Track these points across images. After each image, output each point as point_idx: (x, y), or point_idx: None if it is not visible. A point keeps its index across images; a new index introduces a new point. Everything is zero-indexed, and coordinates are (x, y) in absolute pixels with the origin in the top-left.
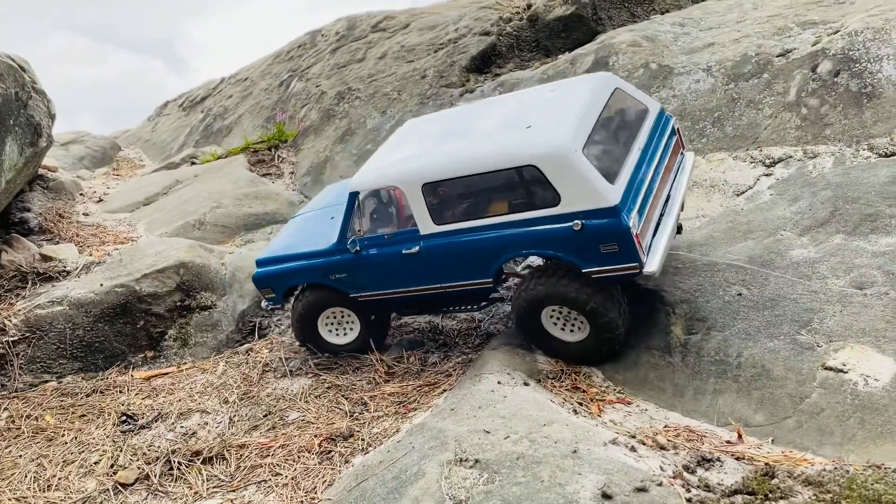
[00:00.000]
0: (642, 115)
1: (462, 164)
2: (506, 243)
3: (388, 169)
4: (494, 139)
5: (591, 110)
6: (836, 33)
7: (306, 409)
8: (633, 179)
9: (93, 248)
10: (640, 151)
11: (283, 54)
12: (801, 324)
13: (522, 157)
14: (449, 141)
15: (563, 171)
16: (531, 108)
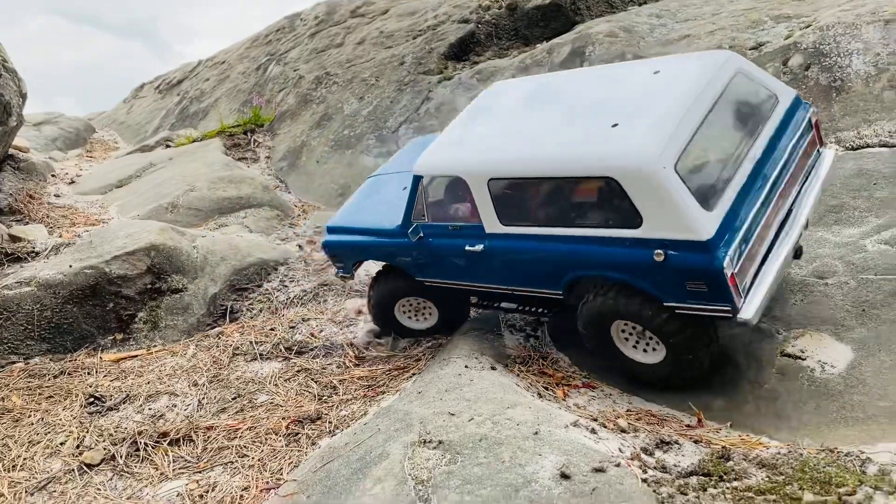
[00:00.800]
0: (769, 107)
1: (534, 165)
2: (577, 260)
3: (456, 155)
4: (575, 136)
5: (697, 107)
6: (808, 27)
7: (275, 392)
8: (740, 203)
9: (63, 230)
10: (754, 162)
11: (261, 38)
12: (763, 312)
13: (601, 167)
14: (527, 128)
15: (647, 190)
16: (626, 95)
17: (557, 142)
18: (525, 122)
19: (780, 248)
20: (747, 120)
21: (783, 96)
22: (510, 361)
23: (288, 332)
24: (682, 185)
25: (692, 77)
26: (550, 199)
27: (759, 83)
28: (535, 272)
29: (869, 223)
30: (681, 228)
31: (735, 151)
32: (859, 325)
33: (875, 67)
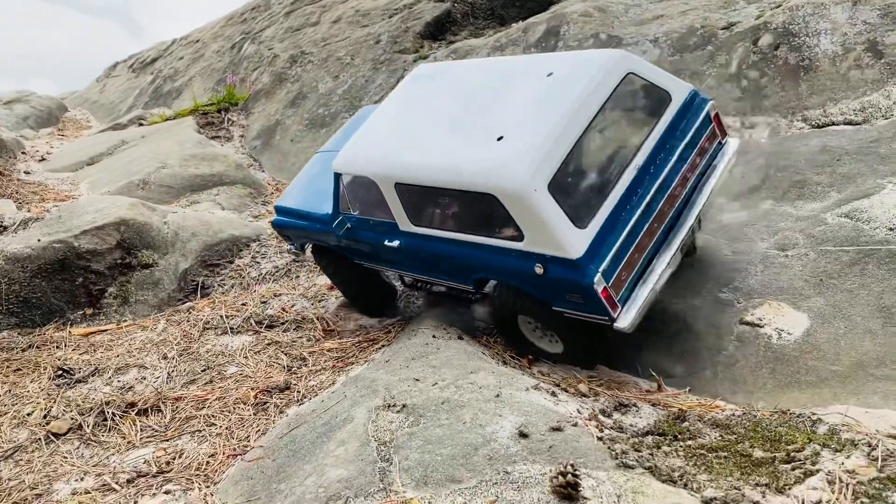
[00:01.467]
0: (660, 107)
1: (430, 174)
2: (478, 264)
3: (368, 155)
4: (464, 146)
5: (578, 119)
6: (778, 7)
7: (245, 364)
8: (617, 215)
9: (32, 205)
10: (637, 170)
11: (236, 16)
12: (724, 282)
13: (483, 184)
14: (427, 130)
15: (522, 209)
16: (518, 100)
17: (450, 151)
18: (427, 123)
19: (664, 254)
20: (635, 124)
21: (677, 94)
22: (478, 333)
23: (259, 307)
24: (554, 205)
25: (580, 84)
26: (450, 205)
27: (652, 82)
28: (447, 269)
29: (830, 198)
30: (554, 246)
31: (617, 161)
32: (817, 294)
33: (842, 47)
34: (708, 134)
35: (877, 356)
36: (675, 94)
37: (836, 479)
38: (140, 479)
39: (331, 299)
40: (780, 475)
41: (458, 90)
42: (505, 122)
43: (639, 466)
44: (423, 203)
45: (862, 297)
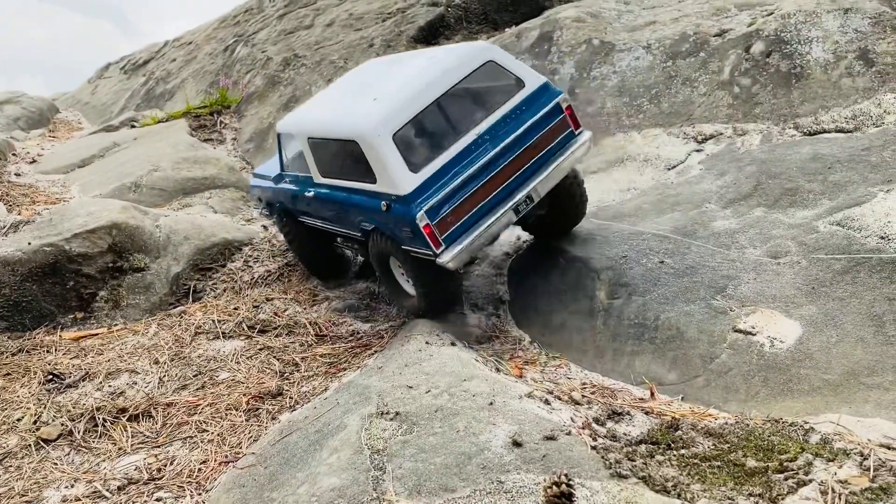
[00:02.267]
0: (512, 91)
1: (324, 127)
2: (358, 209)
3: (297, 118)
4: (351, 107)
5: (434, 87)
6: (770, 15)
7: (237, 370)
8: (450, 169)
9: (23, 208)
10: (476, 136)
11: (229, 18)
12: (717, 290)
13: (347, 131)
14: (339, 98)
15: (371, 152)
16: (401, 77)
17: (342, 109)
18: (344, 94)
19: (496, 211)
20: (487, 102)
21: (529, 83)
22: (471, 339)
23: (251, 311)
24: (395, 150)
25: (444, 64)
26: (338, 156)
27: (508, 71)
28: (344, 218)
29: (822, 205)
30: (391, 185)
31: (461, 127)
32: (809, 302)
33: (834, 55)
34: (558, 122)
35: (868, 365)
36: (528, 83)
37: (829, 490)
38: (131, 486)
39: (323, 303)
40: (774, 485)
41: (377, 72)
42: (385, 90)
43: (633, 476)
44: (326, 156)
45: (853, 305)
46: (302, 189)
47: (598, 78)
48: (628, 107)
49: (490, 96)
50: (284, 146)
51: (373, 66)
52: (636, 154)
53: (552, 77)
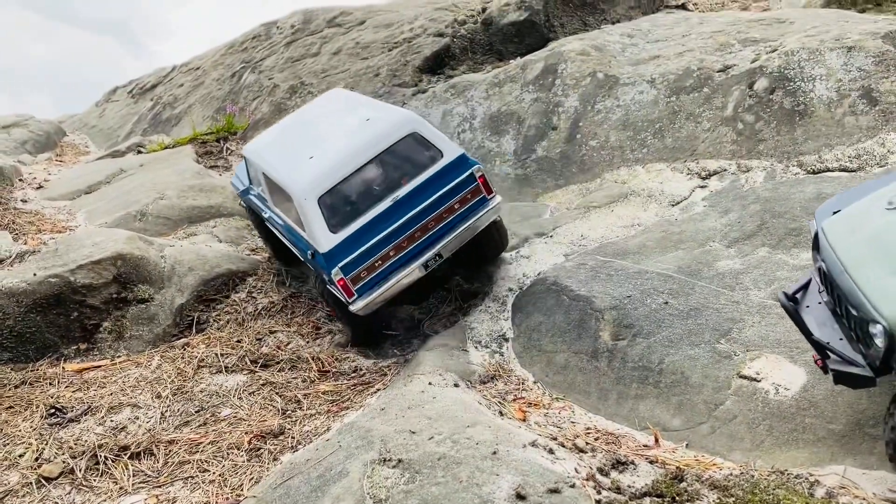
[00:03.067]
0: (431, 160)
1: (272, 171)
2: (299, 245)
3: (257, 145)
4: (296, 159)
5: (360, 154)
6: (773, 52)
7: (239, 406)
8: (367, 230)
9: (28, 237)
10: (393, 202)
11: (236, 45)
12: (722, 333)
13: (285, 185)
14: (292, 140)
15: (301, 209)
16: (338, 132)
17: (286, 160)
18: (296, 137)
19: (406, 266)
20: (406, 168)
21: (447, 154)
22: (474, 379)
23: (254, 344)
24: (318, 212)
25: (374, 131)
26: (284, 196)
27: (429, 142)
28: (294, 243)
29: None
30: (314, 240)
31: (380, 192)
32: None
33: (837, 93)
34: (471, 189)
35: (873, 414)
36: (447, 154)
37: None
38: None
39: (326, 337)
40: None
41: (325, 117)
42: (323, 146)
43: None
44: (275, 191)
45: None
46: (261, 208)
47: (603, 111)
48: (632, 141)
49: (411, 164)
50: (249, 166)
51: (325, 107)
52: (640, 189)
53: (556, 109)
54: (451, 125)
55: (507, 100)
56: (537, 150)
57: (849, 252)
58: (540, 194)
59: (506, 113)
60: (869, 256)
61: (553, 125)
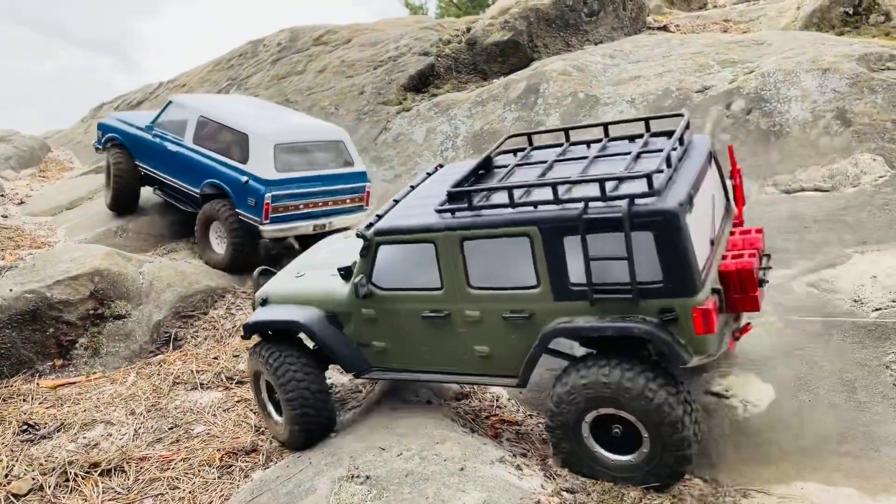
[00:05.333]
0: (346, 164)
1: (221, 115)
2: (211, 173)
3: (195, 97)
4: (253, 115)
5: (309, 135)
6: (751, 73)
7: (213, 423)
8: (294, 181)
9: (7, 252)
10: (316, 175)
11: (223, 62)
12: None
13: (243, 128)
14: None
15: (257, 148)
16: (294, 116)
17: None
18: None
19: (305, 221)
20: (331, 163)
21: (357, 165)
22: (448, 395)
23: (231, 360)
24: (272, 154)
25: (318, 126)
26: (217, 136)
27: (348, 152)
28: (193, 176)
29: (797, 265)
30: (262, 171)
31: (313, 166)
32: (783, 364)
33: (812, 114)
34: (358, 196)
35: (839, 431)
36: (356, 165)
37: None
38: None
39: None
40: None
41: (278, 109)
42: (282, 120)
43: None
44: (206, 131)
45: (826, 369)
46: (163, 143)
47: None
48: None
49: (333, 159)
50: (168, 111)
51: (263, 103)
52: None
53: (538, 128)
54: (435, 143)
55: (490, 118)
56: None
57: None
58: None
59: (489, 131)
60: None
61: None
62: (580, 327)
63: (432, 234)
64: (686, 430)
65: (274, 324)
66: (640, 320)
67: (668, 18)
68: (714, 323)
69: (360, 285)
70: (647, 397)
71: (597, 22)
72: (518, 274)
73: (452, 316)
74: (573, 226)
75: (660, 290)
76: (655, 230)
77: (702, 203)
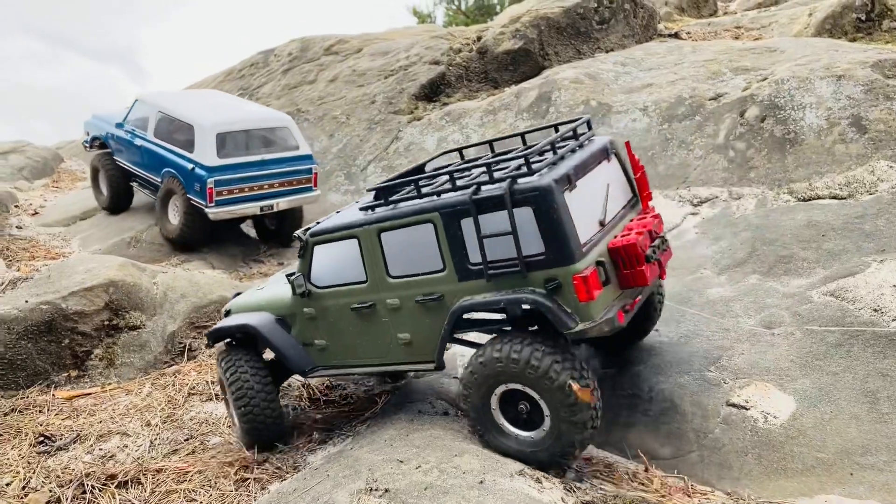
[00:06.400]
0: (291, 148)
1: (175, 109)
2: (166, 163)
3: (156, 94)
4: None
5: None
6: (764, 80)
7: (229, 434)
8: (237, 167)
9: (22, 263)
10: (260, 159)
11: (234, 72)
12: (711, 360)
13: (190, 119)
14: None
15: (202, 138)
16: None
17: (192, 105)
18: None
19: (250, 203)
20: (274, 144)
21: (302, 149)
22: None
23: None
24: (215, 142)
25: (262, 113)
26: (172, 128)
27: (293, 136)
28: (153, 166)
29: (816, 274)
30: (205, 158)
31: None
32: (803, 375)
33: (827, 121)
34: (305, 177)
35: (862, 444)
36: (301, 149)
37: None
38: None
39: None
40: None
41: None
42: (224, 110)
43: None
44: (164, 125)
45: (847, 380)
46: (132, 138)
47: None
48: None
49: (278, 144)
50: (134, 109)
51: (221, 95)
52: None
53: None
54: None
55: (501, 127)
56: None
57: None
58: None
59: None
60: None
61: None
62: (478, 303)
63: (356, 229)
64: (584, 412)
65: (229, 329)
66: (530, 291)
67: (679, 26)
68: (595, 290)
69: (298, 284)
70: (551, 377)
71: (608, 30)
72: (428, 259)
73: (377, 306)
74: (467, 208)
75: (543, 261)
76: (534, 205)
77: (589, 188)
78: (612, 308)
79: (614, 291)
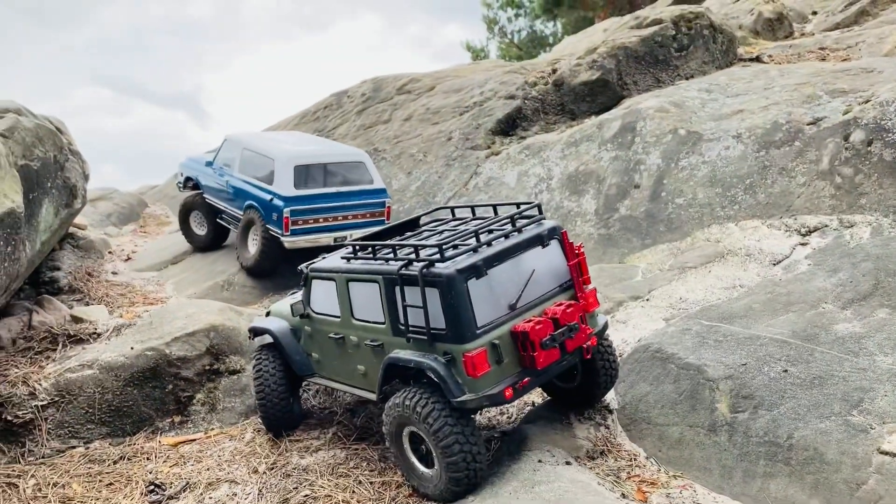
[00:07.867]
0: (366, 182)
1: (258, 146)
2: (248, 196)
3: (242, 134)
4: (278, 143)
5: (329, 156)
6: (866, 102)
7: (335, 484)
8: (314, 198)
9: (123, 309)
10: (336, 191)
11: (309, 114)
12: (852, 404)
13: (270, 153)
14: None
15: (279, 171)
16: (312, 141)
17: (272, 143)
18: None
19: (324, 233)
20: (350, 178)
21: (376, 183)
22: (583, 455)
23: (346, 415)
24: (292, 175)
25: (339, 149)
26: (255, 162)
27: (368, 171)
28: (236, 200)
29: None
30: (283, 189)
31: (331, 182)
32: None
33: None
34: (378, 210)
35: None
36: (375, 183)
37: None
38: None
39: None
40: None
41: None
42: (303, 145)
43: None
44: (249, 160)
45: None
46: (220, 175)
47: (687, 168)
48: (721, 198)
49: (353, 178)
50: (223, 148)
51: (301, 134)
52: (736, 248)
53: (638, 167)
54: (528, 186)
55: (584, 159)
56: (620, 209)
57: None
58: (626, 255)
59: (584, 172)
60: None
61: (635, 183)
62: (398, 358)
63: (335, 274)
64: (455, 455)
65: (258, 329)
66: (433, 359)
67: (758, 49)
68: (481, 369)
69: (299, 308)
70: (429, 423)
71: (687, 56)
72: (376, 311)
73: (345, 339)
74: (395, 279)
75: (444, 335)
76: (439, 288)
77: (507, 273)
78: (500, 384)
79: (512, 368)
